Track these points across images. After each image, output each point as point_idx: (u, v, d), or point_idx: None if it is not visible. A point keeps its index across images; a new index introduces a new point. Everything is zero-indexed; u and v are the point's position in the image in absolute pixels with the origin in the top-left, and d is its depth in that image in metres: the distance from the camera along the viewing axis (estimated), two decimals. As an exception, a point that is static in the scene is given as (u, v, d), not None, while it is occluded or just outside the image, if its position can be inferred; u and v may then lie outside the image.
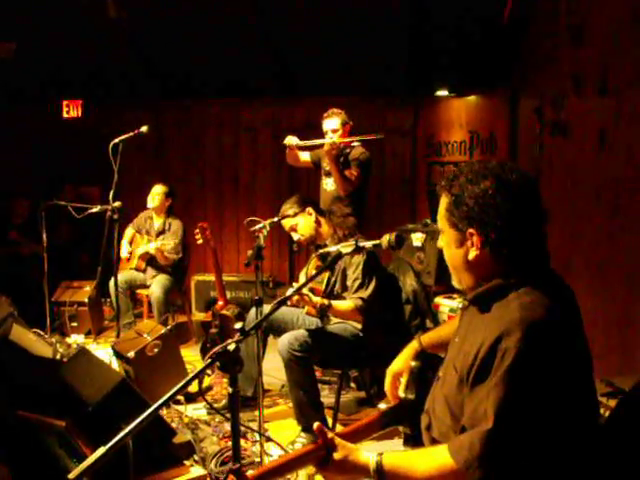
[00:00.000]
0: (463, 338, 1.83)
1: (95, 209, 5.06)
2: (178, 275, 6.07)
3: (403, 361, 2.18)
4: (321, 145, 5.06)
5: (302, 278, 4.38)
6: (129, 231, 6.19)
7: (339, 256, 1.96)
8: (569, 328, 1.71)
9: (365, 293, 3.71)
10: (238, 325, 1.70)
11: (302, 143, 5.26)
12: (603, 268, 3.85)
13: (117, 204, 4.86)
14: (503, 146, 6.40)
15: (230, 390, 1.72)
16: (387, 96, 7.23)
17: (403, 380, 2.13)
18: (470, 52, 6.25)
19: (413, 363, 2.11)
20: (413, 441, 2.05)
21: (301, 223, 3.96)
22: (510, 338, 1.59)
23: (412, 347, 2.22)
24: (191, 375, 1.64)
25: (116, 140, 4.70)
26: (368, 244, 1.98)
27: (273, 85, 7.36)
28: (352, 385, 4.78)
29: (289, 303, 3.67)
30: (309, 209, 3.96)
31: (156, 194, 6.05)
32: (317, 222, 3.97)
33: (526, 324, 1.60)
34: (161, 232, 6.06)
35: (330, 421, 3.85)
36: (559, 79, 4.57)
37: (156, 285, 5.77)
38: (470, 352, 1.69)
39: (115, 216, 4.76)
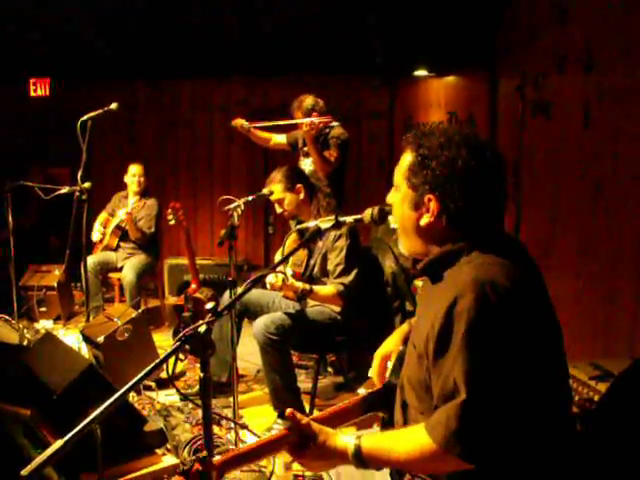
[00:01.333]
0: (420, 315, 1.75)
1: (63, 190, 4.85)
2: (151, 257, 5.91)
3: (392, 344, 2.07)
4: (289, 126, 5.05)
5: (278, 257, 4.26)
6: (102, 215, 5.99)
7: (318, 231, 1.84)
8: (528, 288, 1.60)
9: (347, 279, 3.60)
10: (210, 305, 1.57)
11: (256, 124, 5.25)
12: (587, 248, 3.78)
13: (86, 185, 4.67)
14: (482, 127, 6.29)
15: (201, 375, 1.60)
16: (363, 76, 7.09)
17: (390, 364, 2.02)
18: (449, 30, 6.13)
19: (401, 347, 2.00)
20: (391, 427, 1.94)
21: (288, 198, 3.83)
22: (464, 300, 1.49)
23: (402, 330, 2.11)
24: (159, 359, 1.51)
25: (84, 117, 4.50)
26: (349, 219, 1.86)
27: (247, 64, 7.17)
28: (329, 370, 4.68)
29: (269, 288, 3.55)
30: (299, 186, 3.82)
31: (137, 175, 5.92)
32: (305, 201, 3.83)
33: (479, 283, 1.51)
34: (138, 210, 5.90)
35: (307, 407, 3.75)
36: (541, 57, 4.48)
37: (128, 268, 5.61)
38: (426, 324, 1.59)
39: (84, 197, 4.57)
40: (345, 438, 1.65)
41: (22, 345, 4.03)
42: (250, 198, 3.50)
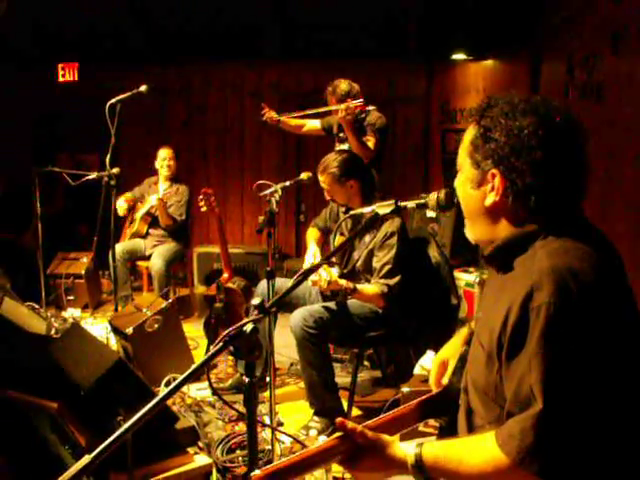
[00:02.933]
0: (488, 310, 1.53)
1: (92, 175, 4.74)
2: (181, 245, 5.75)
3: (452, 349, 1.88)
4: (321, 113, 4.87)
5: (335, 242, 4.04)
6: (128, 195, 5.78)
7: (375, 217, 1.64)
8: (612, 279, 1.41)
9: (393, 280, 3.40)
10: (256, 300, 1.39)
11: (287, 116, 5.07)
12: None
13: (115, 170, 4.55)
14: (524, 112, 6.05)
15: (245, 379, 1.42)
16: (399, 59, 6.86)
17: (450, 367, 1.82)
18: (488, 10, 5.86)
19: (464, 348, 1.80)
20: (449, 434, 1.75)
21: (337, 190, 3.61)
22: (541, 292, 1.30)
23: (462, 334, 1.91)
24: (198, 363, 1.32)
25: (113, 100, 4.35)
26: (410, 204, 1.65)
27: (279, 48, 6.98)
28: (366, 363, 4.48)
29: (311, 285, 3.36)
30: (352, 182, 3.59)
31: (167, 159, 5.76)
32: (356, 192, 3.60)
33: (558, 272, 1.32)
34: (169, 195, 5.75)
35: (345, 404, 3.57)
36: (593, 37, 4.22)
37: (157, 256, 5.46)
38: (495, 320, 1.40)
39: (112, 182, 4.44)
40: (404, 446, 1.47)
41: (49, 335, 3.90)
42: (287, 183, 3.32)
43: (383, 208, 1.65)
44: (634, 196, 3.71)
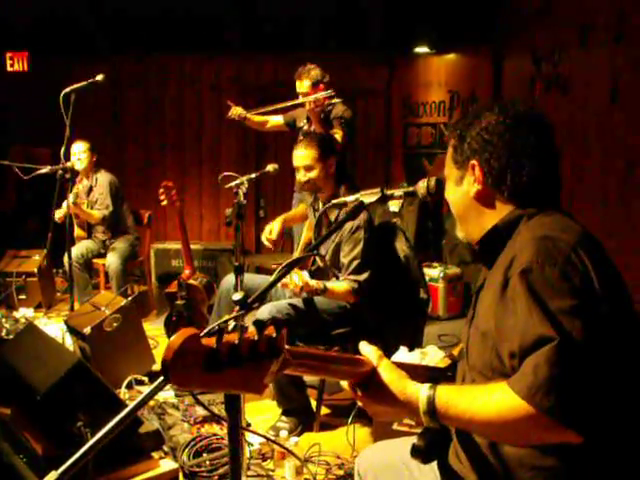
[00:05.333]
0: (483, 303, 1.54)
1: (45, 169, 4.53)
2: (132, 239, 5.56)
3: None
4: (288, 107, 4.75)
5: (304, 233, 3.92)
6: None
7: (361, 206, 1.53)
8: (595, 248, 1.44)
9: (362, 276, 3.30)
10: (237, 296, 1.27)
11: (254, 112, 4.94)
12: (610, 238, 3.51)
13: (70, 164, 4.37)
14: (486, 106, 6.03)
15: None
16: (360, 52, 6.78)
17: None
18: (451, 5, 5.83)
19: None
20: (421, 454, 1.62)
21: (318, 169, 3.44)
22: (521, 256, 1.38)
23: None
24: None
25: (67, 89, 4.15)
26: (397, 192, 1.56)
27: (238, 39, 6.83)
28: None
29: (280, 287, 3.25)
30: (333, 158, 3.48)
31: (80, 153, 5.40)
32: (332, 176, 3.47)
33: (542, 237, 1.40)
34: (89, 191, 5.51)
35: (314, 402, 3.47)
36: (559, 30, 4.19)
37: (113, 255, 5.25)
38: (487, 301, 1.48)
39: (67, 175, 4.25)
40: (416, 385, 1.41)
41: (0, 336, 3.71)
42: (253, 175, 3.20)
43: (368, 197, 1.55)
44: (598, 187, 3.69)
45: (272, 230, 3.80)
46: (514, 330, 1.33)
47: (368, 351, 1.45)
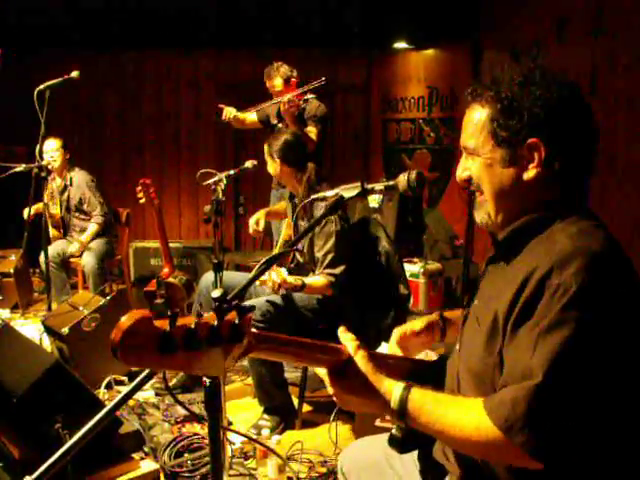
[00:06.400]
0: (489, 295, 1.43)
1: (20, 168, 4.45)
2: (109, 237, 5.46)
3: (415, 322, 1.81)
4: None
5: (283, 230, 3.90)
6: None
7: (340, 201, 1.51)
8: (629, 263, 1.34)
9: (338, 269, 3.28)
10: (216, 293, 1.24)
11: (242, 113, 4.89)
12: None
13: (46, 162, 4.29)
14: (465, 101, 6.04)
15: (206, 381, 1.28)
16: (339, 48, 6.76)
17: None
18: (429, 0, 5.83)
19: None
20: (398, 444, 1.60)
21: (270, 164, 3.50)
22: (565, 271, 1.23)
23: (429, 316, 1.84)
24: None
25: (41, 86, 4.09)
26: (378, 186, 1.53)
27: (216, 35, 6.77)
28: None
29: (259, 285, 3.22)
30: (278, 161, 3.45)
31: (53, 151, 5.26)
32: (287, 174, 3.46)
33: (584, 253, 1.25)
34: (63, 190, 5.41)
35: (295, 400, 3.45)
36: (537, 25, 4.20)
37: (88, 254, 5.15)
38: (504, 299, 1.31)
39: (43, 174, 4.19)
40: (391, 383, 1.36)
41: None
42: (232, 172, 3.16)
43: (348, 191, 1.52)
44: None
45: (258, 221, 3.84)
46: (518, 346, 1.27)
47: (346, 339, 1.42)
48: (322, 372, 1.42)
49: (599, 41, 3.44)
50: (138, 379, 1.15)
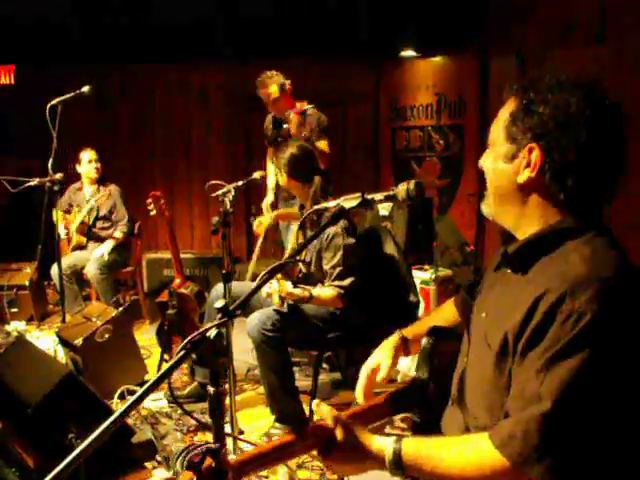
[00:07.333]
0: (498, 310, 1.43)
1: (33, 182, 4.52)
2: (120, 247, 5.50)
3: (382, 356, 1.81)
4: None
5: (292, 240, 3.94)
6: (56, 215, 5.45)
7: (341, 212, 1.54)
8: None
9: (346, 281, 3.30)
10: (219, 303, 1.28)
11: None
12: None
13: (59, 176, 4.35)
14: (473, 108, 6.07)
15: (209, 389, 1.31)
16: (348, 57, 6.80)
17: (385, 368, 1.77)
18: (436, 8, 5.86)
19: (425, 340, 1.71)
20: (423, 431, 1.65)
21: (282, 179, 3.51)
22: (578, 298, 1.22)
23: (392, 341, 1.85)
24: (160, 373, 1.20)
25: (54, 102, 4.17)
26: (378, 196, 1.56)
27: (225, 46, 6.84)
28: (325, 366, 4.39)
29: (265, 296, 3.26)
30: (287, 176, 3.47)
31: (92, 160, 5.44)
32: (296, 186, 3.49)
33: (598, 281, 1.23)
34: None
35: (306, 408, 3.47)
36: (543, 31, 4.22)
37: (91, 262, 5.16)
38: (514, 320, 1.30)
39: (56, 187, 4.26)
40: (381, 440, 1.38)
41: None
42: (240, 183, 3.20)
43: (349, 201, 1.55)
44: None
45: (262, 222, 4.09)
46: (525, 372, 1.27)
47: (323, 413, 1.43)
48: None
49: (604, 47, 3.46)
50: (145, 387, 1.18)
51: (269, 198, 4.89)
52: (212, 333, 1.23)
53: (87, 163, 5.44)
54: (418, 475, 1.37)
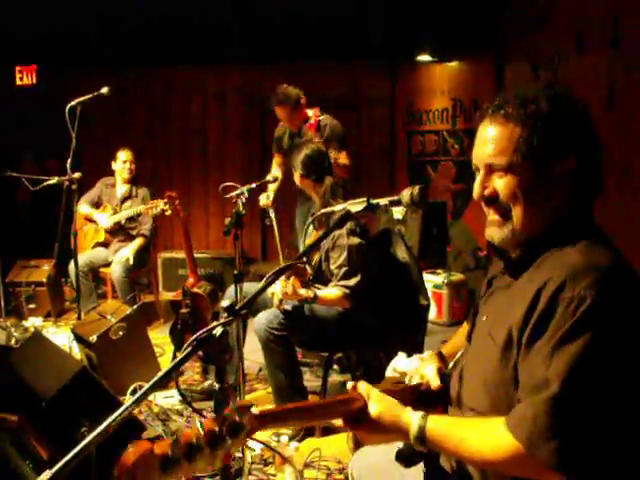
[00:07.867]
0: (501, 310, 1.47)
1: (52, 181, 4.63)
2: (141, 249, 5.58)
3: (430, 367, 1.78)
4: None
5: (305, 241, 3.99)
6: (84, 209, 5.51)
7: (347, 216, 1.58)
8: (638, 279, 1.38)
9: (352, 281, 3.33)
10: (226, 302, 1.33)
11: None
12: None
13: (77, 175, 4.44)
14: (488, 113, 6.07)
15: (215, 385, 1.35)
16: (363, 61, 6.85)
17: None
18: (452, 13, 5.89)
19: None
20: (404, 460, 1.66)
21: (297, 178, 3.58)
22: (578, 284, 1.28)
23: (434, 357, 1.82)
24: (166, 369, 1.25)
25: (73, 102, 4.25)
26: (383, 201, 1.60)
27: (242, 51, 6.91)
28: (335, 367, 4.43)
29: (269, 296, 3.31)
30: (305, 178, 3.54)
31: (127, 161, 5.52)
32: (311, 187, 3.54)
33: (596, 268, 1.30)
34: (126, 198, 5.57)
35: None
36: (557, 37, 4.24)
37: (116, 263, 5.27)
38: (517, 313, 1.36)
39: (74, 187, 4.34)
40: (409, 415, 1.44)
41: (9, 346, 3.78)
42: (254, 185, 3.25)
43: (355, 206, 1.60)
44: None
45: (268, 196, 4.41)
46: (531, 362, 1.31)
47: (360, 387, 1.48)
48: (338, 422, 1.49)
49: (617, 53, 3.47)
50: (152, 381, 1.23)
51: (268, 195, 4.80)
52: (217, 331, 1.28)
53: (122, 162, 5.52)
54: (439, 451, 1.44)
